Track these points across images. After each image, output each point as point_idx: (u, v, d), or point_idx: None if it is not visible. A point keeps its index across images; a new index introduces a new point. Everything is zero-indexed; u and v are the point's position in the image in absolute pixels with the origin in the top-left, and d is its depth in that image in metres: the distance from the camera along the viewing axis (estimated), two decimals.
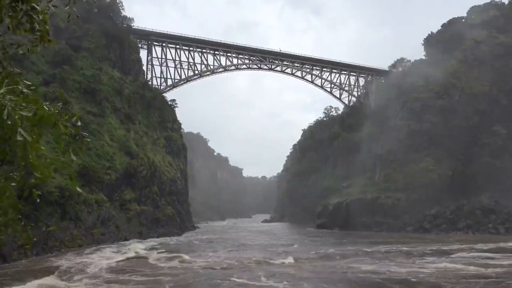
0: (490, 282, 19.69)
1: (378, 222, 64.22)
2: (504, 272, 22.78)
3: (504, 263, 25.59)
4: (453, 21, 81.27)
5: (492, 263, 26.43)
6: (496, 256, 29.91)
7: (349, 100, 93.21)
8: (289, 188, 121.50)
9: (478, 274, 22.21)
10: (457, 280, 20.70)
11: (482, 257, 29.50)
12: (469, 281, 20.50)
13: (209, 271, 24.79)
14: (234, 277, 22.38)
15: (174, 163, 70.88)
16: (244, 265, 26.79)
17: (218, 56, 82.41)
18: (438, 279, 21.22)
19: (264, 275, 22.64)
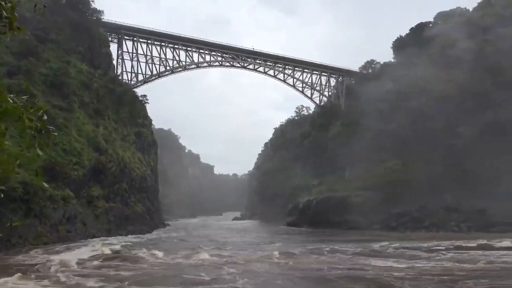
0: (445, 280, 20.39)
1: (347, 220, 65.46)
2: (462, 270, 23.69)
3: (466, 263, 26.57)
4: (420, 25, 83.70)
5: (452, 261, 27.44)
6: (456, 254, 31.12)
7: (320, 100, 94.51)
8: (260, 186, 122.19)
9: (437, 272, 22.98)
10: (414, 277, 21.34)
11: (443, 255, 30.60)
12: (430, 278, 21.17)
13: (177, 269, 24.65)
14: (202, 274, 22.37)
15: (144, 160, 69.86)
16: (214, 263, 26.78)
17: (191, 52, 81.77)
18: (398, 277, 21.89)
19: (234, 273, 22.70)
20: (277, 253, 30.83)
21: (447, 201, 61.68)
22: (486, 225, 55.42)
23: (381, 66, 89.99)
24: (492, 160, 61.39)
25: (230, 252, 33.08)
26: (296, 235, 56.30)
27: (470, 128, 63.58)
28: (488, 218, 57.37)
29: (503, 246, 35.70)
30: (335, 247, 35.76)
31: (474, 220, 57.62)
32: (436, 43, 75.80)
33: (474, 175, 60.60)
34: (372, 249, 34.01)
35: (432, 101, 67.39)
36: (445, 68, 69.84)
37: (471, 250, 32.71)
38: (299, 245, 38.28)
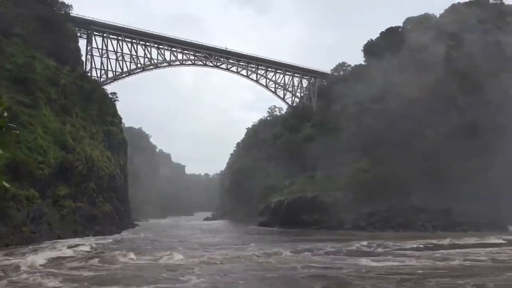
0: (408, 279, 20.81)
1: (318, 220, 66.23)
2: (428, 269, 24.33)
3: (428, 261, 27.31)
4: (390, 30, 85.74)
5: (416, 259, 28.18)
6: (425, 253, 32.02)
7: (293, 100, 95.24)
8: (232, 186, 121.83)
9: (404, 271, 23.49)
10: (379, 276, 21.75)
11: (412, 254, 31.41)
12: (394, 277, 21.57)
13: (145, 269, 24.21)
14: (164, 274, 22.07)
15: (113, 159, 68.27)
16: (183, 263, 26.46)
17: (163, 50, 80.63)
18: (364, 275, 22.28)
19: (202, 274, 22.48)
20: (249, 252, 30.82)
21: (415, 201, 63.44)
22: (451, 225, 57.45)
23: (352, 68, 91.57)
24: (459, 162, 63.66)
25: (200, 252, 32.79)
26: (268, 235, 56.52)
27: (437, 130, 65.64)
28: (453, 218, 59.49)
29: (470, 243, 37.17)
30: (307, 246, 36.09)
31: (439, 220, 59.58)
32: (405, 47, 77.86)
33: (442, 176, 62.63)
34: (347, 249, 34.51)
35: (402, 103, 69.08)
36: (414, 72, 71.75)
37: (441, 249, 33.70)
38: (272, 245, 38.42)
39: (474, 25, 76.76)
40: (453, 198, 59.77)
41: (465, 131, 63.94)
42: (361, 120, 72.13)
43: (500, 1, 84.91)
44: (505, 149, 61.71)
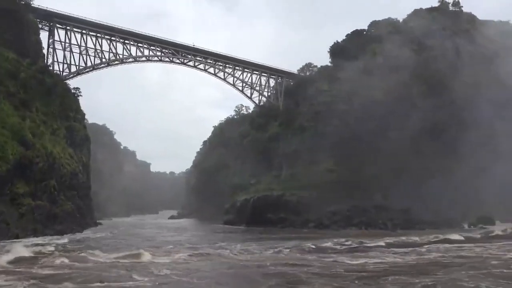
0: (367, 277, 21.45)
1: (283, 218, 67.04)
2: (384, 265, 25.25)
3: (387, 259, 28.34)
4: (355, 32, 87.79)
5: (377, 257, 29.17)
6: (383, 251, 33.19)
7: (260, 100, 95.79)
8: (198, 184, 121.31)
9: (362, 268, 24.27)
10: (337, 274, 22.37)
11: (370, 252, 32.47)
12: (350, 274, 22.23)
13: (102, 268, 23.87)
14: (111, 274, 21.90)
15: (75, 156, 66.35)
16: (148, 261, 26.25)
17: (128, 45, 79.14)
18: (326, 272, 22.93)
19: (164, 273, 22.45)
20: (214, 251, 30.93)
21: (377, 201, 65.57)
22: (410, 223, 59.71)
23: (318, 69, 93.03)
24: (420, 162, 66.31)
25: (165, 250, 32.54)
26: (234, 233, 56.72)
27: (400, 131, 68.08)
28: (412, 216, 61.89)
29: (430, 241, 38.86)
30: (271, 244, 36.53)
31: (399, 218, 61.79)
32: (370, 50, 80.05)
33: (403, 176, 64.95)
34: (311, 246, 35.15)
35: (366, 105, 71.04)
36: (378, 74, 73.94)
37: (402, 247, 34.86)
38: (237, 243, 38.61)
39: (435, 31, 79.97)
40: (413, 197, 62.24)
41: (426, 132, 66.69)
42: (327, 120, 73.57)
43: (458, 9, 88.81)
44: (464, 150, 64.89)
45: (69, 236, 48.44)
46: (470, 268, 23.58)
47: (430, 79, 73.22)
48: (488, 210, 63.32)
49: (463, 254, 30.02)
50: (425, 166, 65.38)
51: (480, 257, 28.63)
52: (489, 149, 65.98)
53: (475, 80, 72.97)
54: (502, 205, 63.27)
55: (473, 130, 65.99)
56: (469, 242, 38.54)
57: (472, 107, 69.30)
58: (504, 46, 76.39)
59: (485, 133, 66.65)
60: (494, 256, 28.96)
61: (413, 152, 66.90)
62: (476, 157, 65.23)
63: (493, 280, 19.91)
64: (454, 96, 71.80)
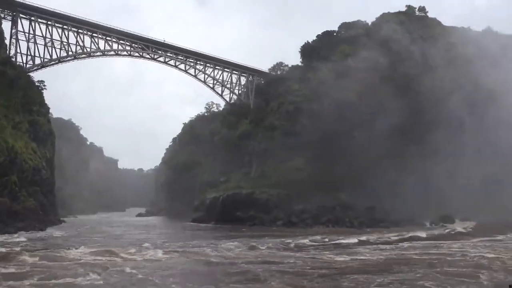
0: (328, 275, 21.86)
1: (252, 216, 67.28)
2: (346, 263, 25.80)
3: (351, 256, 28.99)
4: (326, 33, 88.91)
5: (342, 255, 29.82)
6: (350, 249, 33.91)
7: (230, 97, 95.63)
8: (167, 182, 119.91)
9: (325, 265, 24.73)
10: (296, 272, 22.68)
11: (336, 249, 33.13)
12: (312, 271, 22.60)
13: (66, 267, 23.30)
14: (71, 272, 21.53)
15: (39, 151, 64.12)
16: (101, 261, 25.76)
17: (96, 38, 77.17)
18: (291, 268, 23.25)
19: (124, 272, 22.16)
20: (181, 248, 30.69)
21: (344, 199, 66.82)
22: (375, 221, 61.24)
23: (289, 68, 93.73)
24: (386, 162, 68.09)
25: (129, 248, 31.97)
26: (202, 231, 56.58)
27: (368, 132, 69.69)
28: (377, 215, 63.48)
29: (395, 239, 39.98)
30: (237, 242, 36.58)
31: (365, 216, 63.27)
32: (339, 51, 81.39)
33: (369, 175, 66.51)
34: (276, 244, 35.52)
35: (335, 105, 72.24)
36: (346, 75, 75.28)
37: (367, 245, 35.79)
38: (204, 241, 38.52)
39: (402, 34, 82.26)
40: (379, 196, 63.86)
41: (394, 133, 68.40)
42: (297, 119, 74.30)
43: (424, 14, 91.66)
44: (430, 150, 67.20)
45: (31, 234, 46.87)
46: (428, 266, 24.40)
47: (397, 81, 75.22)
48: (450, 209, 65.85)
49: (425, 252, 31.10)
50: (392, 166, 67.13)
51: (440, 254, 29.72)
52: (454, 150, 68.70)
53: (440, 83, 75.74)
54: (463, 204, 66.01)
55: (439, 131, 68.52)
56: (432, 240, 40.00)
57: (439, 109, 72.01)
58: (465, 51, 79.62)
59: (451, 134, 69.29)
60: (452, 253, 30.16)
61: (381, 152, 68.64)
62: (441, 158, 67.73)
63: (444, 278, 20.56)
64: (421, 98, 74.17)
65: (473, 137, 69.95)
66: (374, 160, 68.38)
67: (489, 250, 31.76)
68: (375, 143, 68.08)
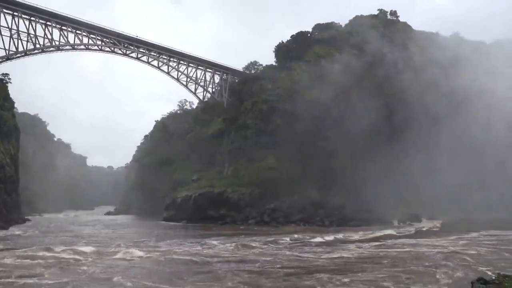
0: (293, 273, 21.94)
1: (224, 215, 67.09)
2: (311, 262, 26.05)
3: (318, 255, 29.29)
4: (300, 34, 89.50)
5: (312, 253, 30.12)
6: (319, 247, 34.25)
7: (204, 95, 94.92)
8: (138, 180, 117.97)
9: (296, 265, 24.89)
10: (262, 271, 22.76)
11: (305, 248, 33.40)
12: (276, 271, 22.68)
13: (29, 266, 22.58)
14: (30, 271, 20.93)
15: (2, 147, 61.79)
16: (62, 261, 25.11)
17: (66, 32, 74.87)
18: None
19: (88, 271, 21.65)
20: (150, 247, 30.20)
21: (314, 198, 67.47)
22: (345, 220, 62.17)
23: (263, 68, 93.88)
24: (357, 162, 69.26)
25: (96, 248, 31.22)
26: (173, 229, 55.96)
27: (336, 132, 70.74)
28: (347, 213, 64.41)
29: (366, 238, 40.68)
30: (213, 241, 36.45)
31: (335, 215, 64.11)
32: (312, 52, 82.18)
33: (340, 175, 67.50)
34: (244, 243, 35.53)
35: (307, 105, 72.90)
36: (320, 76, 76.17)
37: (338, 243, 36.26)
38: (177, 240, 38.15)
39: (374, 37, 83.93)
40: (350, 195, 64.93)
41: (359, 134, 69.65)
42: (270, 119, 74.54)
43: (396, 18, 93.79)
44: (400, 151, 68.73)
45: None
46: (391, 265, 24.77)
47: (370, 82, 76.57)
48: (419, 208, 67.83)
49: (390, 250, 31.79)
50: (365, 166, 68.35)
51: (404, 253, 30.35)
52: (427, 151, 70.65)
53: (412, 85, 77.91)
54: (432, 203, 68.22)
55: (412, 132, 70.30)
56: (399, 238, 40.94)
57: (412, 111, 74.01)
58: (435, 55, 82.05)
59: (424, 135, 71.19)
60: (416, 252, 30.85)
61: (354, 152, 69.84)
62: (414, 158, 69.47)
63: (405, 277, 20.86)
64: (393, 99, 75.80)
65: (446, 138, 72.31)
66: (347, 159, 69.48)
67: (452, 248, 32.72)
68: (348, 143, 69.23)
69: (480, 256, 28.53)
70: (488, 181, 69.48)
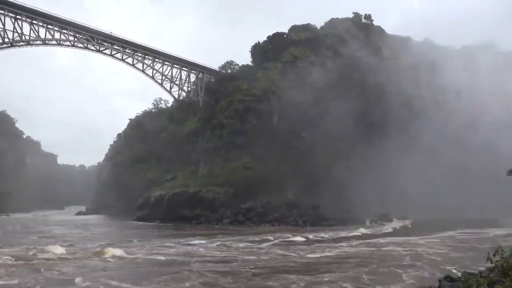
0: (260, 274, 22.01)
1: (198, 215, 66.73)
2: (282, 262, 26.27)
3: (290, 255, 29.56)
4: (276, 35, 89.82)
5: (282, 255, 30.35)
6: (291, 247, 34.57)
7: (179, 94, 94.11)
8: (111, 179, 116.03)
9: (263, 264, 25.05)
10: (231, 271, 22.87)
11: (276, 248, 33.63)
12: (249, 270, 22.81)
13: None
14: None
15: None
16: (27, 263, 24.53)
17: (37, 26, 72.78)
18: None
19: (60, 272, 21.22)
20: (120, 248, 29.76)
21: (289, 198, 67.99)
22: (319, 220, 62.89)
23: (239, 68, 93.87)
24: (331, 163, 70.16)
25: (63, 248, 30.48)
26: (145, 229, 55.34)
27: (311, 133, 71.38)
28: (321, 213, 65.23)
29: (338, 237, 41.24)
30: (186, 241, 36.24)
31: (310, 215, 64.74)
32: (288, 53, 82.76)
33: (315, 175, 68.25)
34: (216, 243, 35.50)
35: (283, 105, 73.39)
36: (295, 77, 76.73)
37: (316, 243, 36.65)
38: (149, 240, 37.72)
39: (348, 40, 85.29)
40: (325, 195, 65.75)
41: (339, 134, 70.67)
42: (246, 118, 74.61)
43: (370, 22, 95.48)
44: (374, 152, 70.12)
45: None
46: (357, 265, 24.97)
47: (345, 84, 77.63)
48: (391, 208, 69.40)
49: (360, 250, 32.21)
50: (340, 166, 69.27)
51: (372, 253, 30.80)
52: (401, 152, 72.21)
53: (385, 88, 79.66)
54: (403, 203, 69.93)
55: (386, 134, 71.80)
56: (369, 239, 41.67)
57: (385, 113, 75.65)
58: (408, 60, 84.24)
59: (397, 137, 72.67)
60: (385, 252, 31.48)
61: (328, 153, 70.73)
62: (387, 159, 70.96)
63: (367, 279, 21.00)
64: (367, 101, 77.13)
65: (417, 141, 74.16)
66: (323, 160, 70.30)
67: (421, 247, 33.55)
68: (325, 143, 70.14)
69: (447, 255, 29.37)
70: (469, 180, 71.49)
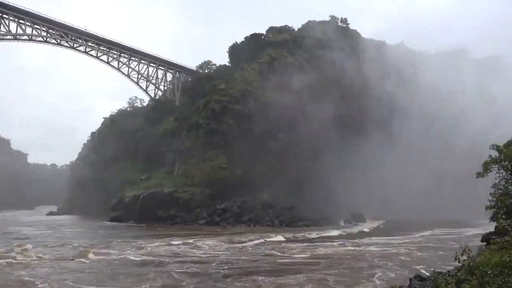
0: (232, 275, 22.16)
1: (173, 215, 66.20)
2: (257, 262, 26.47)
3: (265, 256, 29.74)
4: (254, 36, 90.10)
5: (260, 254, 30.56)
6: (267, 247, 34.77)
7: (155, 93, 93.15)
8: (84, 179, 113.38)
9: (236, 266, 25.20)
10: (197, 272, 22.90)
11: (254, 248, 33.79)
12: (221, 271, 22.89)
13: None
14: None
15: None
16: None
17: (7, 21, 70.65)
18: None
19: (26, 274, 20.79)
20: (93, 249, 29.28)
21: (263, 198, 68.24)
22: (295, 220, 63.42)
23: (217, 68, 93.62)
24: (307, 164, 70.90)
25: (33, 250, 29.78)
26: (117, 230, 54.55)
27: (286, 134, 71.89)
28: (296, 214, 65.78)
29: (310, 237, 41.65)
30: (160, 241, 35.91)
31: (285, 215, 65.19)
32: (266, 54, 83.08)
33: (290, 176, 68.75)
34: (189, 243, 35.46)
35: (259, 106, 73.57)
36: (272, 78, 77.12)
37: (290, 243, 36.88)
38: (122, 240, 37.21)
39: (324, 42, 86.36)
40: (298, 196, 66.30)
41: (310, 136, 71.41)
42: (222, 119, 74.44)
43: (346, 25, 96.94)
44: (352, 154, 71.15)
45: None
46: (327, 266, 25.25)
47: (320, 86, 78.54)
48: (365, 208, 70.63)
49: (331, 251, 32.64)
50: (316, 167, 70.00)
51: (343, 253, 31.29)
52: (380, 154, 73.62)
53: (360, 91, 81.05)
54: (378, 203, 71.36)
55: (364, 136, 72.95)
56: (342, 239, 42.31)
57: (363, 116, 76.99)
58: (383, 64, 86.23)
59: (376, 140, 74.03)
60: (355, 252, 32.02)
61: (304, 153, 71.37)
62: (364, 161, 72.17)
63: (333, 281, 21.25)
64: (344, 103, 78.21)
65: (395, 143, 75.80)
66: (299, 161, 70.88)
67: (391, 247, 34.23)
68: (300, 144, 70.69)
69: (417, 255, 30.07)
70: (447, 182, 73.31)
